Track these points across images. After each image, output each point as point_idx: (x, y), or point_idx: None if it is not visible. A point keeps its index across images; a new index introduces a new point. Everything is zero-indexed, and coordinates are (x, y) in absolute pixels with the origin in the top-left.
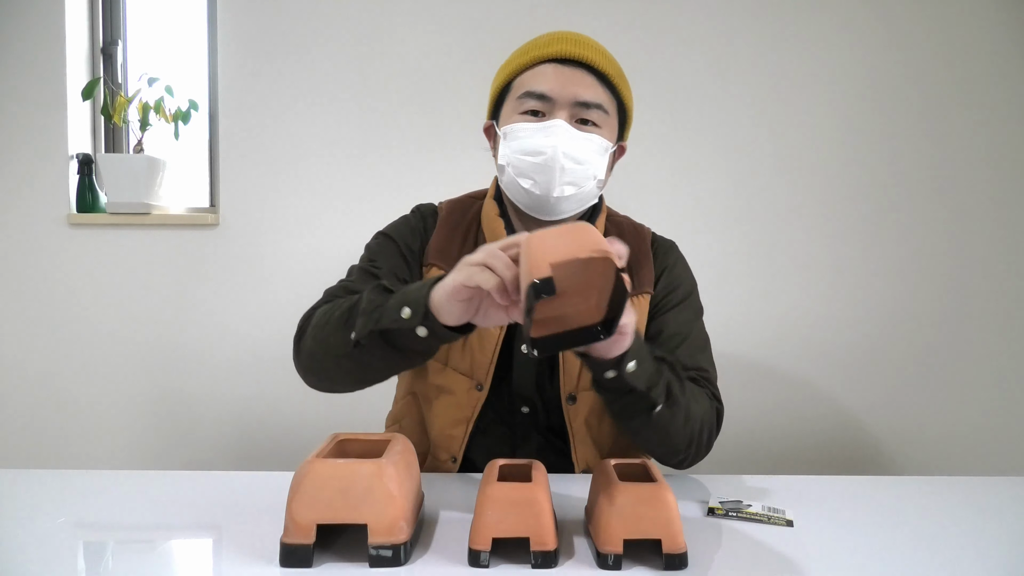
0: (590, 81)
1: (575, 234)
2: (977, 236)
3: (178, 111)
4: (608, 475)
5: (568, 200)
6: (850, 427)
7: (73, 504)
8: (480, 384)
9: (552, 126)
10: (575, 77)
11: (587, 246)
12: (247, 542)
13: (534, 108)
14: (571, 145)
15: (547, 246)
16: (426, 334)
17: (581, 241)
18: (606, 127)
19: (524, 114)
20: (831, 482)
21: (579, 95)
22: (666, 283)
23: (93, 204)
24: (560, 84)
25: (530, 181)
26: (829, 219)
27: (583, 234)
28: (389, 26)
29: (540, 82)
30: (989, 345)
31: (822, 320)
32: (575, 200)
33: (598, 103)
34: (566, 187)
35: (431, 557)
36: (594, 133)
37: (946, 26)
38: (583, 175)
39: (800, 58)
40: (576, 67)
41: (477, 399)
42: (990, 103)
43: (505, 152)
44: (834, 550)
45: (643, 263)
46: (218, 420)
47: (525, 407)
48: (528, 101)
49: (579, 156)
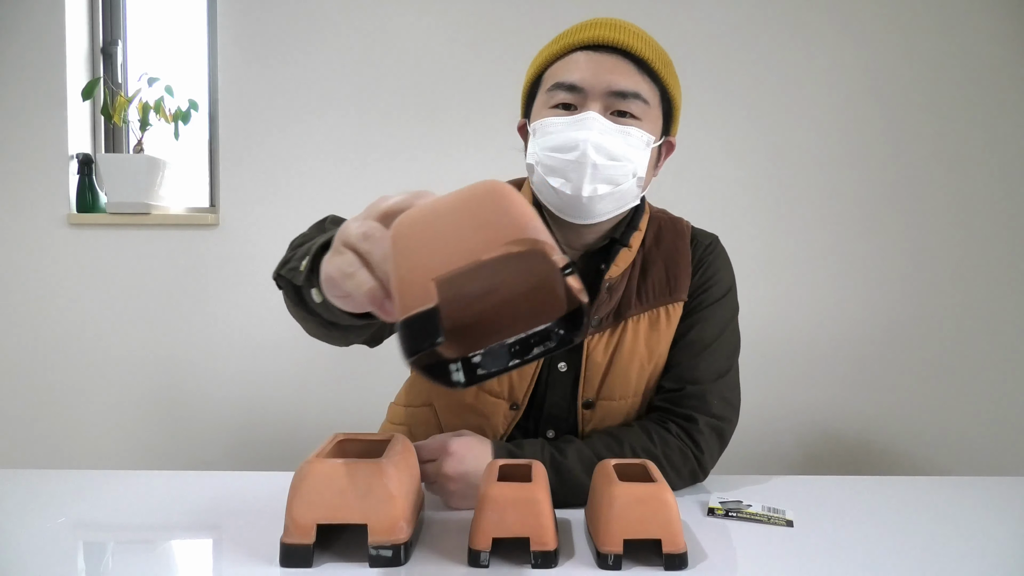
0: (627, 68)
1: (479, 208)
2: (978, 236)
3: (178, 111)
4: (608, 475)
5: (602, 200)
6: (850, 427)
7: (73, 504)
8: (516, 403)
9: (584, 119)
10: (609, 64)
11: (499, 232)
12: (247, 542)
13: (565, 100)
14: (605, 139)
15: (429, 237)
16: (322, 300)
17: (488, 221)
18: (647, 119)
19: (555, 108)
20: (831, 482)
21: (614, 84)
22: (700, 282)
23: (93, 204)
24: (592, 73)
25: (560, 180)
26: (829, 219)
27: (492, 206)
28: (389, 26)
29: (571, 72)
30: (989, 345)
31: (822, 321)
32: (611, 200)
33: (636, 92)
34: (599, 185)
35: (431, 557)
36: (632, 126)
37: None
38: (620, 172)
39: (805, 57)
40: (611, 53)
41: (511, 419)
42: (1007, 102)
43: (533, 149)
44: (834, 550)
45: (680, 266)
46: (218, 420)
47: (551, 431)
48: (558, 93)
49: (614, 151)
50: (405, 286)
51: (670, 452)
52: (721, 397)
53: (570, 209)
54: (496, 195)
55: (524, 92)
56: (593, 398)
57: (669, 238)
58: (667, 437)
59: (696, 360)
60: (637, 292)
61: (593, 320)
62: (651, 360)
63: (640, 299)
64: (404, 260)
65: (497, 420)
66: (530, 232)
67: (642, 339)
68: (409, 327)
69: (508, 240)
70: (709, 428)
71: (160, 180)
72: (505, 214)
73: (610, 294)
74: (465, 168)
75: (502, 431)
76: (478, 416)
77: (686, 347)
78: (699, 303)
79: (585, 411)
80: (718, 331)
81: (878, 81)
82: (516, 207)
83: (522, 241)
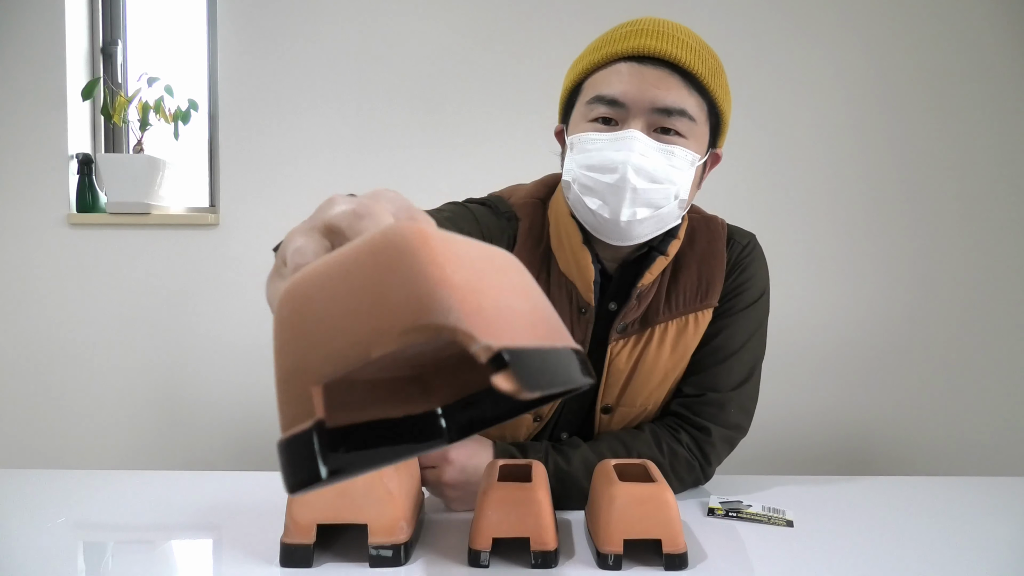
0: (673, 82)
1: (374, 274)
2: (980, 237)
3: (178, 111)
4: (608, 475)
5: (642, 224)
6: (850, 427)
7: (73, 504)
8: (540, 416)
9: (624, 137)
10: (654, 78)
11: (394, 316)
12: (247, 542)
13: (605, 115)
14: (646, 161)
15: (314, 321)
16: None
17: (382, 297)
18: (692, 137)
19: (594, 121)
20: (831, 482)
21: (658, 100)
22: (733, 286)
23: (93, 204)
24: (636, 87)
25: (597, 201)
26: (830, 219)
27: (389, 271)
28: (389, 26)
29: (612, 84)
30: (989, 346)
31: (822, 321)
32: (650, 224)
33: (681, 109)
34: (639, 209)
35: (431, 557)
36: (677, 145)
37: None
38: (661, 195)
39: (808, 57)
40: (657, 65)
41: (534, 429)
42: (1015, 103)
43: (571, 166)
44: (834, 550)
45: (715, 269)
46: (218, 420)
47: (565, 433)
48: (599, 107)
49: (656, 174)
50: (283, 393)
51: (677, 464)
52: (740, 406)
53: (606, 231)
54: (395, 252)
55: (563, 98)
56: (613, 404)
57: (703, 239)
58: (676, 449)
59: (720, 367)
60: (667, 298)
61: (619, 326)
62: (676, 369)
63: (669, 306)
64: (283, 357)
65: (520, 432)
66: (435, 312)
67: (668, 347)
68: (287, 451)
69: (406, 326)
70: (722, 440)
71: (160, 180)
72: (405, 284)
73: (639, 301)
74: (465, 169)
75: (523, 439)
76: (500, 427)
77: (711, 353)
78: (730, 308)
79: (603, 415)
80: (745, 337)
81: (882, 82)
82: (422, 269)
83: (422, 328)
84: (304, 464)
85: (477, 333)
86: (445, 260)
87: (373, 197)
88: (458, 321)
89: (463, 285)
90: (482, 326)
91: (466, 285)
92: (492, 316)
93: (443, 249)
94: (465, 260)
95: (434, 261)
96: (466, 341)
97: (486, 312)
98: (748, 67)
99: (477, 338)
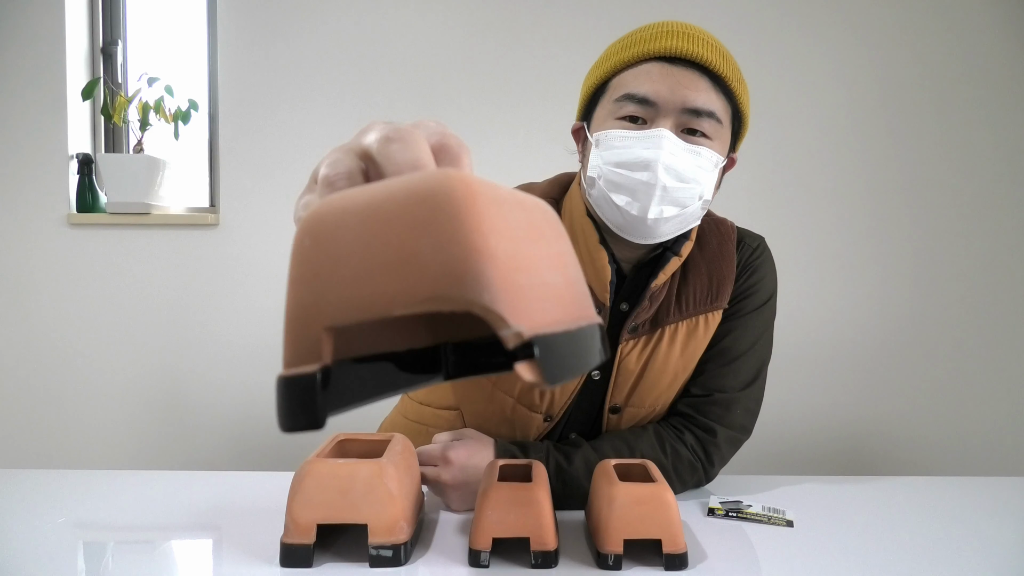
0: (703, 84)
1: (412, 223)
2: (982, 238)
3: (178, 111)
4: (608, 475)
5: (667, 223)
6: (850, 427)
7: (73, 504)
8: (551, 416)
9: (655, 136)
10: (685, 79)
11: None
12: (247, 542)
13: (634, 114)
14: (676, 160)
15: (337, 259)
16: None
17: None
18: (718, 139)
19: (622, 119)
20: (831, 482)
21: (689, 101)
22: (742, 288)
23: (93, 204)
24: (667, 87)
25: (625, 198)
26: (832, 219)
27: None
28: (389, 26)
29: (643, 83)
30: (990, 346)
31: (822, 321)
32: (675, 222)
33: (710, 111)
34: (666, 208)
35: (431, 557)
36: (704, 146)
37: (965, 24)
38: (687, 195)
39: (809, 57)
40: (687, 67)
41: (544, 429)
42: (1016, 102)
43: (596, 163)
44: (834, 550)
45: (725, 272)
46: (218, 420)
47: (574, 433)
48: (628, 105)
49: (685, 173)
50: (291, 327)
51: (680, 465)
52: (746, 408)
53: (631, 229)
54: (436, 207)
55: (585, 95)
56: (621, 404)
57: (714, 241)
58: (680, 450)
59: (727, 368)
60: (677, 299)
61: (630, 326)
62: (685, 370)
63: (680, 307)
64: (297, 289)
65: (530, 432)
66: (470, 287)
67: (678, 348)
68: (287, 391)
69: (436, 293)
70: (727, 442)
71: (160, 180)
72: (442, 247)
73: (651, 302)
74: None
75: (532, 439)
76: (511, 427)
77: (719, 354)
78: (738, 310)
79: (612, 416)
80: (754, 339)
81: (884, 83)
82: (464, 236)
83: (453, 300)
84: (304, 409)
85: (509, 316)
86: (490, 227)
87: (413, 124)
88: (492, 301)
89: (503, 259)
90: (516, 307)
91: (506, 259)
92: (527, 295)
93: (488, 212)
94: (508, 224)
95: (477, 228)
96: (496, 323)
97: (522, 291)
98: (748, 68)
99: (509, 322)
